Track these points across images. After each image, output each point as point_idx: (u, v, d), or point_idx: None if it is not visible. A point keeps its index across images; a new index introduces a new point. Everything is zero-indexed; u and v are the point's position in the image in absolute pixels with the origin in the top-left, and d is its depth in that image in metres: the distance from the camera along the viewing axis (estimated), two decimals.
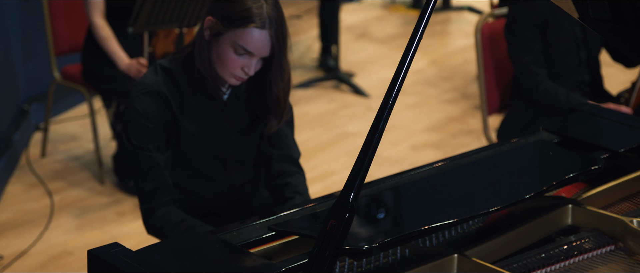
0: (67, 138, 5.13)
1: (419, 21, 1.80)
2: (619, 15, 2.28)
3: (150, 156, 2.52)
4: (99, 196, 4.46)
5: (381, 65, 6.68)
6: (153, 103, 2.50)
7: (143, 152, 2.52)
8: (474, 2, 8.31)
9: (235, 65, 2.45)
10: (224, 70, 2.48)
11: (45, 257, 3.91)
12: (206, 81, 2.51)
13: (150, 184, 2.54)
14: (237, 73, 2.47)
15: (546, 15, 3.71)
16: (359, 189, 1.73)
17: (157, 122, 2.52)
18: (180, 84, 2.54)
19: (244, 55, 2.44)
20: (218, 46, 2.46)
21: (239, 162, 2.69)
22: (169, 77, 2.53)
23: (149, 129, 2.51)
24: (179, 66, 2.54)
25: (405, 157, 5.05)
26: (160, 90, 2.51)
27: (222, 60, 2.46)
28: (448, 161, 2.47)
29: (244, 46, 2.43)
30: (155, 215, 2.56)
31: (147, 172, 2.53)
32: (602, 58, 3.97)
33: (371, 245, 1.86)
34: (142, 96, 2.50)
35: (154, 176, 2.54)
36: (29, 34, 5.14)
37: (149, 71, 2.57)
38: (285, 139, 2.72)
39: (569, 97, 3.64)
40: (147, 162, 2.52)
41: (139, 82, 2.54)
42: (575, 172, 2.30)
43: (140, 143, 2.51)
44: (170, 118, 2.54)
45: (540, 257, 2.07)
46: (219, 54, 2.46)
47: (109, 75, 4.34)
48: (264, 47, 2.44)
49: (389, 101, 1.78)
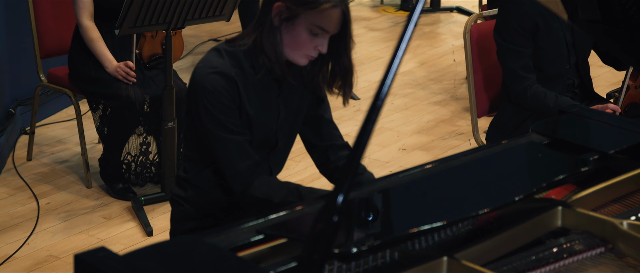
0: (54, 141, 5.10)
1: (407, 22, 1.79)
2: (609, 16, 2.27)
3: (233, 135, 2.57)
4: (86, 199, 4.44)
5: (370, 67, 6.68)
6: (224, 83, 2.54)
7: (225, 131, 2.56)
8: (463, 3, 8.32)
9: (310, 45, 2.54)
10: (298, 52, 2.55)
11: (31, 261, 3.89)
12: (273, 65, 2.56)
13: (243, 163, 2.58)
14: (311, 53, 2.55)
15: (536, 19, 3.69)
16: (347, 191, 1.72)
17: (230, 101, 2.56)
18: (246, 68, 2.58)
19: (319, 35, 2.52)
20: (292, 29, 2.53)
21: (282, 150, 2.76)
22: (235, 61, 2.57)
23: (226, 106, 2.55)
24: (242, 52, 2.58)
25: (395, 159, 5.04)
26: (229, 72, 2.55)
27: (297, 42, 2.53)
28: (437, 164, 2.46)
29: (322, 26, 2.51)
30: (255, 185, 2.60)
31: (236, 152, 2.58)
32: (592, 60, 3.96)
33: (360, 248, 1.85)
34: (212, 75, 2.54)
35: (243, 155, 2.58)
36: (14, 36, 5.11)
37: (212, 55, 2.59)
38: (336, 131, 2.84)
39: (557, 102, 3.63)
40: (233, 142, 2.57)
41: (204, 65, 2.56)
42: (565, 174, 2.30)
43: (219, 121, 2.55)
44: (237, 100, 2.58)
45: (530, 259, 2.06)
46: (294, 37, 2.53)
47: (96, 77, 4.32)
48: (338, 23, 2.54)
49: (377, 103, 1.77)
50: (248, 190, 2.59)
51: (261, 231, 2.04)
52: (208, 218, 2.75)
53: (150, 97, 4.39)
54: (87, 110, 4.77)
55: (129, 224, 4.23)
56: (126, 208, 4.36)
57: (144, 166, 4.52)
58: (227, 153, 2.57)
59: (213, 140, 2.57)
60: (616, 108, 3.67)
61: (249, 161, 2.59)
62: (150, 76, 4.47)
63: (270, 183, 2.63)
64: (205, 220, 2.74)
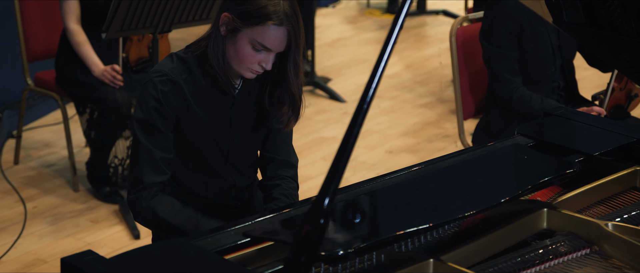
0: (41, 145, 5.09)
1: (393, 25, 1.79)
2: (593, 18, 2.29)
3: (152, 145, 2.56)
4: (73, 203, 4.43)
5: (357, 70, 6.68)
6: (168, 87, 2.54)
7: (148, 142, 2.56)
8: (449, 6, 8.33)
9: (253, 60, 2.51)
10: (241, 65, 2.53)
11: (18, 265, 3.88)
12: (217, 75, 2.55)
13: (152, 176, 2.57)
14: (255, 68, 2.53)
15: (522, 22, 3.70)
16: (334, 194, 1.72)
17: (170, 108, 2.55)
18: (195, 75, 2.58)
19: (262, 51, 2.50)
20: (235, 42, 2.51)
21: (240, 160, 2.72)
22: (184, 67, 2.57)
23: (159, 111, 2.55)
24: (194, 58, 2.58)
25: (381, 162, 5.05)
26: (175, 77, 2.55)
27: (240, 55, 2.51)
28: (424, 166, 2.47)
29: (262, 43, 2.48)
30: (155, 200, 2.58)
31: (147, 163, 2.56)
32: (577, 63, 3.98)
33: (346, 250, 1.85)
34: (157, 78, 2.55)
35: (154, 167, 2.57)
36: (1, 40, 5.09)
37: (165, 60, 2.61)
38: (285, 145, 2.77)
39: (543, 104, 3.64)
40: (150, 154, 2.56)
41: (154, 70, 2.58)
42: (551, 176, 2.31)
43: (145, 123, 2.56)
44: (182, 105, 2.57)
45: (515, 261, 2.07)
46: (237, 50, 2.51)
47: (83, 81, 4.31)
48: (281, 43, 2.50)
49: (363, 106, 1.77)
50: (150, 201, 2.57)
51: (248, 234, 2.04)
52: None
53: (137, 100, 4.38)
54: (74, 114, 4.77)
55: (116, 227, 4.22)
56: (113, 212, 4.35)
57: None
58: (140, 159, 2.57)
59: (135, 141, 2.59)
60: (601, 110, 3.69)
61: (156, 178, 2.57)
62: (137, 80, 4.46)
63: (173, 204, 2.59)
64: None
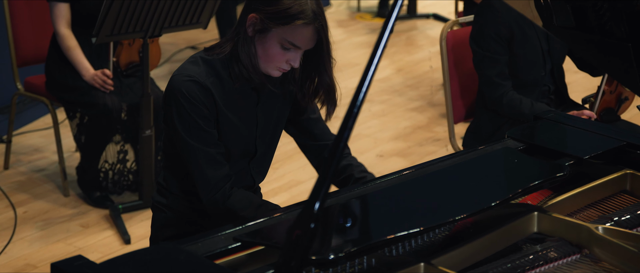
0: (31, 150, 5.08)
1: (383, 28, 1.79)
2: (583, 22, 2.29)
3: (205, 146, 2.56)
4: (63, 208, 4.42)
5: (347, 73, 6.68)
6: (199, 91, 2.54)
7: (197, 140, 2.55)
8: (440, 10, 8.34)
9: (281, 59, 2.54)
10: (270, 64, 2.56)
11: (8, 270, 3.86)
12: (251, 75, 2.57)
13: (213, 173, 2.57)
14: (283, 66, 2.56)
15: (512, 26, 3.71)
16: (324, 198, 1.72)
17: (204, 109, 2.55)
18: (222, 77, 2.58)
19: (291, 49, 2.53)
20: (264, 42, 2.53)
21: (262, 159, 2.75)
22: (211, 70, 2.57)
23: (199, 114, 2.54)
24: (219, 60, 2.59)
25: (372, 166, 5.04)
26: (204, 81, 2.55)
27: (269, 55, 2.54)
28: (414, 170, 2.47)
29: (293, 42, 2.51)
30: (232, 200, 2.59)
31: (206, 162, 2.57)
32: (567, 66, 3.99)
33: (337, 254, 1.85)
34: (187, 83, 2.53)
35: (213, 165, 2.57)
36: None
37: (188, 63, 2.59)
38: (327, 130, 2.83)
39: (533, 108, 3.65)
40: (205, 153, 2.56)
41: (180, 73, 2.56)
42: (541, 179, 2.31)
43: (192, 128, 2.54)
44: (212, 108, 2.58)
45: (506, 266, 2.07)
46: (266, 49, 2.54)
47: (73, 86, 4.31)
48: (311, 41, 2.54)
49: (353, 109, 1.77)
50: (226, 202, 2.59)
51: (238, 239, 2.04)
52: (189, 225, 2.74)
53: (127, 105, 4.38)
54: (64, 118, 4.75)
55: (106, 232, 4.22)
56: (104, 217, 4.34)
57: (122, 174, 4.51)
58: (198, 162, 2.57)
59: (184, 147, 2.57)
60: (591, 114, 3.69)
61: (219, 173, 2.58)
62: (128, 84, 4.46)
63: (250, 199, 2.62)
64: (187, 227, 2.74)
